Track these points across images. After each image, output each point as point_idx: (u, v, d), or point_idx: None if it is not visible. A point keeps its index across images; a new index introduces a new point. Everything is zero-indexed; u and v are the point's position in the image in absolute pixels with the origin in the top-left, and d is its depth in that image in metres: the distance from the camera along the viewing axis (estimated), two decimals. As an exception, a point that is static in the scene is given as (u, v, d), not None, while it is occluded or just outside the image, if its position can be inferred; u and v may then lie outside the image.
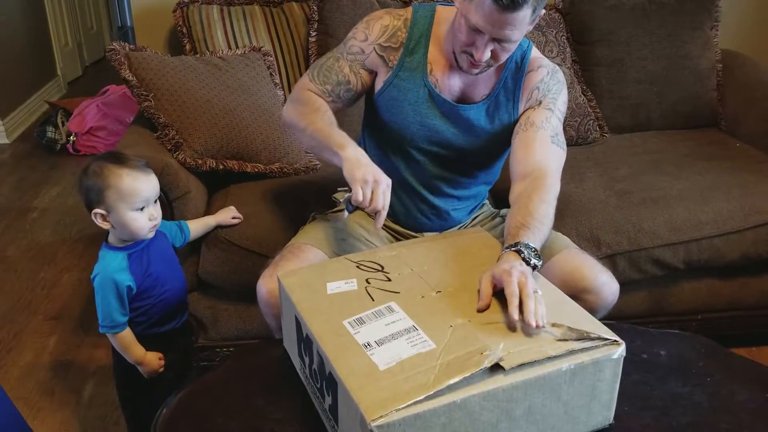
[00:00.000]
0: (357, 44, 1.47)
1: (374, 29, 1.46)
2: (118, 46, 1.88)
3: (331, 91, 1.48)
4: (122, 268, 1.38)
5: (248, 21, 2.23)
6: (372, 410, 0.87)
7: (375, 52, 1.45)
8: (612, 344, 1.00)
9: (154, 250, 1.44)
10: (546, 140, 1.40)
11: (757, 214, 1.84)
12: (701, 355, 1.25)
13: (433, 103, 1.44)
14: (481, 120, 1.45)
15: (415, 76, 1.44)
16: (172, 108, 1.86)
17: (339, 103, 1.50)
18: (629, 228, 1.80)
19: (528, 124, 1.41)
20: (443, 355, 0.95)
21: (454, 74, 1.44)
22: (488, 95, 1.44)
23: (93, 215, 1.36)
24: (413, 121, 1.45)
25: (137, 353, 1.43)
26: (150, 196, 1.37)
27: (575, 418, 1.00)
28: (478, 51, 1.30)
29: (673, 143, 2.26)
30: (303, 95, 1.48)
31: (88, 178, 1.35)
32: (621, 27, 2.34)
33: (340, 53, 1.49)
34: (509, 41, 1.29)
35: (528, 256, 1.15)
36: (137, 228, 1.36)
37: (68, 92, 4.96)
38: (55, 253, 2.73)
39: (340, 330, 1.03)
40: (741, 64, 2.43)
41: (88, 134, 3.73)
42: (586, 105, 2.30)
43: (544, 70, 1.45)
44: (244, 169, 1.95)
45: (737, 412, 1.11)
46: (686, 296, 1.91)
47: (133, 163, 1.36)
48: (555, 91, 1.44)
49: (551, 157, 1.39)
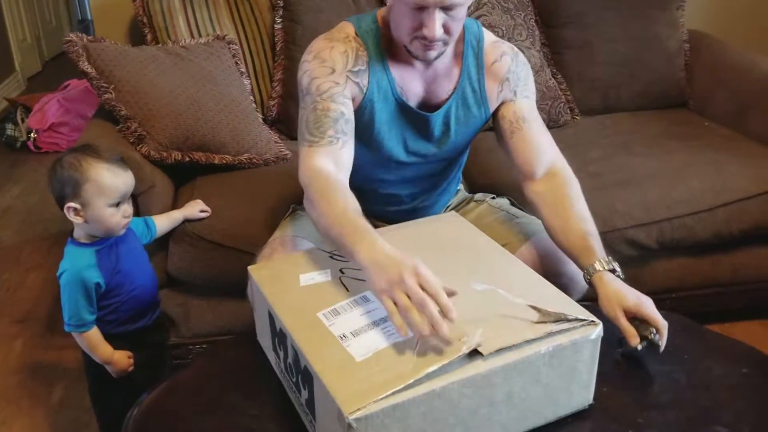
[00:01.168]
0: (326, 81, 1.30)
1: (335, 59, 1.31)
2: (75, 38, 1.83)
3: (335, 135, 1.26)
4: (91, 265, 1.35)
5: (211, 9, 2.19)
6: (349, 403, 0.85)
7: (350, 80, 1.31)
8: (589, 325, 0.99)
9: (123, 246, 1.41)
10: (542, 130, 1.40)
11: (728, 191, 1.86)
12: (677, 332, 1.25)
13: (405, 115, 1.39)
14: (452, 118, 1.41)
15: (384, 93, 1.36)
16: (133, 100, 1.81)
17: (351, 139, 1.30)
18: (603, 209, 1.80)
19: (519, 120, 1.39)
20: (421, 343, 0.93)
21: (414, 76, 1.37)
22: (454, 89, 1.39)
23: (66, 209, 1.32)
24: (389, 138, 1.40)
25: (105, 352, 1.40)
26: (127, 191, 1.35)
27: (555, 400, 1.00)
28: (429, 28, 1.22)
29: (643, 124, 2.27)
30: (310, 174, 1.23)
31: (64, 171, 1.31)
32: (589, 9, 2.34)
33: (315, 102, 1.29)
34: (455, 5, 1.22)
35: (617, 269, 1.22)
36: (113, 224, 1.34)
37: (28, 88, 4.87)
38: (18, 253, 2.66)
39: (314, 322, 1.01)
40: (708, 44, 2.44)
41: (49, 131, 3.65)
42: (556, 88, 2.30)
43: (507, 58, 1.41)
44: (212, 160, 1.91)
45: (715, 388, 1.11)
46: (660, 275, 1.93)
47: (111, 158, 1.34)
48: (525, 76, 1.42)
49: (554, 146, 1.40)
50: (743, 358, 1.20)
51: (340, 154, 1.26)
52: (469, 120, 1.42)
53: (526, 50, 2.26)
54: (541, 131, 1.40)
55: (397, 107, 1.37)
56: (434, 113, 1.39)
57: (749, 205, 1.86)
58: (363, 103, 1.34)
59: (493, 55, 1.40)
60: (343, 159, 1.27)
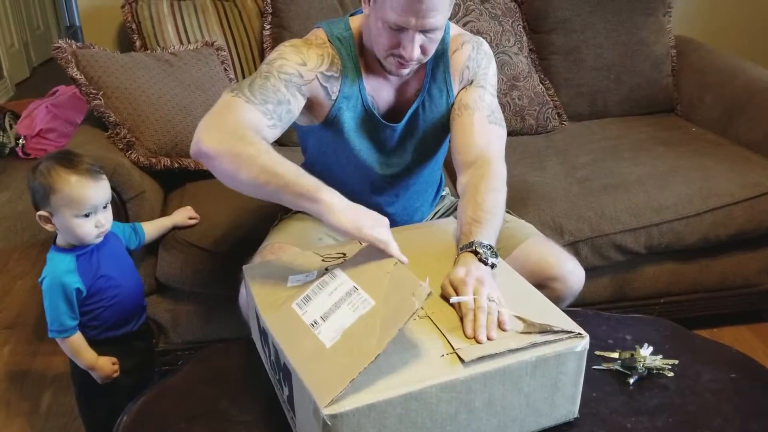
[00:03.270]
0: (293, 67, 1.27)
1: (310, 56, 1.29)
2: (64, 44, 1.82)
3: (273, 111, 1.22)
4: (70, 270, 1.34)
5: (200, 15, 2.19)
6: (324, 396, 0.85)
7: (318, 81, 1.29)
8: (575, 337, 0.99)
9: (105, 252, 1.40)
10: (484, 122, 1.35)
11: (715, 196, 1.87)
12: (666, 338, 1.26)
13: (375, 125, 1.39)
14: (419, 119, 1.41)
15: (355, 102, 1.36)
16: (122, 106, 1.81)
17: (279, 127, 1.25)
18: (591, 215, 1.81)
19: (462, 107, 1.37)
20: (383, 309, 0.93)
21: (385, 84, 1.38)
22: (420, 89, 1.39)
23: (37, 217, 1.32)
24: (360, 146, 1.40)
25: (88, 358, 1.39)
26: (98, 203, 1.32)
27: (538, 410, 1.00)
28: (407, 50, 1.22)
29: (630, 129, 2.28)
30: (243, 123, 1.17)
31: (35, 178, 1.31)
32: (576, 15, 2.35)
33: (268, 72, 1.25)
34: (435, 29, 1.22)
35: (485, 255, 1.12)
36: (82, 234, 1.33)
37: (16, 94, 4.84)
38: (6, 260, 2.64)
39: (291, 315, 1.01)
40: (694, 49, 2.46)
41: (37, 137, 3.63)
42: (544, 93, 2.31)
43: (468, 46, 1.39)
44: (201, 167, 1.90)
45: (703, 393, 1.12)
46: (648, 280, 1.93)
47: (84, 168, 1.31)
48: (484, 66, 1.40)
49: (492, 140, 1.34)
50: (731, 363, 1.20)
51: (267, 131, 1.20)
52: (438, 116, 1.41)
53: (513, 56, 2.27)
54: (482, 123, 1.34)
55: (366, 116, 1.37)
56: (399, 123, 1.39)
57: (736, 210, 1.87)
58: (331, 111, 1.34)
59: (455, 44, 1.40)
60: (267, 137, 1.20)
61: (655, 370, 1.14)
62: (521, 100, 2.25)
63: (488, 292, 1.03)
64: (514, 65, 2.26)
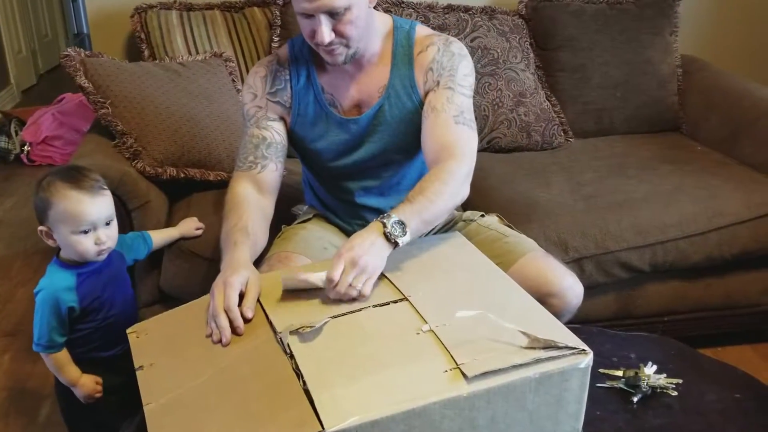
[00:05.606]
0: (250, 106, 1.44)
1: (256, 84, 1.44)
2: (72, 52, 1.83)
3: (254, 160, 1.41)
4: (69, 288, 1.31)
5: (209, 26, 2.20)
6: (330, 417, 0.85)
7: (270, 102, 1.43)
8: (580, 353, 0.98)
9: (108, 273, 1.37)
10: (449, 122, 1.34)
11: (720, 216, 1.86)
12: (670, 356, 1.25)
13: (336, 123, 1.43)
14: (386, 115, 1.42)
15: (312, 104, 1.43)
16: (130, 115, 1.81)
17: (273, 162, 1.42)
18: (596, 232, 1.81)
19: (429, 109, 1.37)
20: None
21: (345, 81, 1.42)
22: (385, 86, 1.41)
23: (39, 231, 1.31)
24: (328, 150, 1.46)
25: (72, 375, 1.35)
26: (97, 220, 1.29)
27: (542, 427, 0.99)
28: (318, 34, 1.27)
29: (636, 147, 2.28)
30: (227, 196, 1.40)
31: (38, 192, 1.29)
32: (583, 33, 2.36)
33: (246, 127, 1.45)
34: (335, 10, 1.25)
35: (392, 231, 1.13)
36: (81, 251, 1.30)
37: (22, 101, 4.86)
38: (9, 266, 2.64)
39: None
40: (700, 68, 2.47)
41: (43, 144, 3.64)
42: (550, 110, 2.31)
43: (434, 48, 1.40)
44: (207, 177, 1.91)
45: (707, 412, 1.12)
46: (653, 298, 1.93)
47: (86, 183, 1.28)
48: (450, 67, 1.39)
49: (455, 139, 1.33)
50: (736, 383, 1.20)
51: (258, 178, 1.41)
52: (404, 116, 1.42)
53: (520, 72, 2.28)
54: (447, 124, 1.34)
55: (322, 113, 1.43)
56: (361, 116, 1.43)
57: (741, 229, 1.87)
58: (292, 117, 1.44)
59: (420, 46, 1.41)
60: (261, 181, 1.41)
61: (659, 389, 1.13)
62: (527, 116, 2.25)
63: (355, 277, 1.07)
64: (520, 81, 2.27)
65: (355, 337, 1.02)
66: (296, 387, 0.92)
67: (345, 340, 1.01)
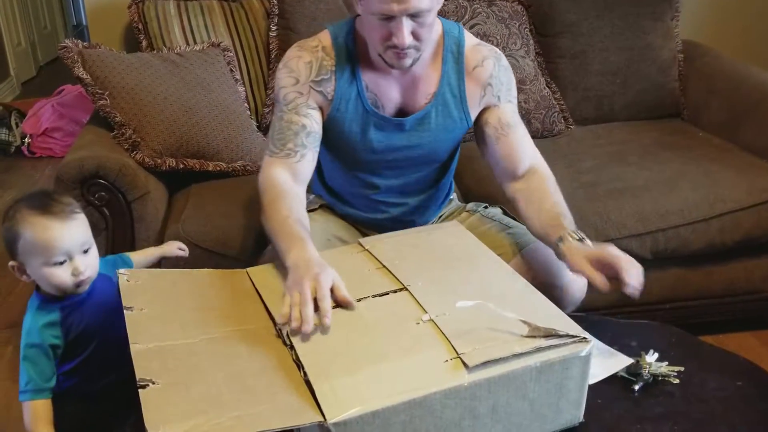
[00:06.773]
0: (291, 91, 1.38)
1: (300, 69, 1.37)
2: (70, 44, 1.82)
3: (293, 148, 1.36)
4: (52, 324, 1.18)
5: (206, 16, 2.19)
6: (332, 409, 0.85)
7: (313, 90, 1.37)
8: (581, 342, 0.98)
9: (95, 301, 1.21)
10: (524, 133, 1.45)
11: (722, 202, 1.86)
12: (672, 344, 1.25)
13: (377, 123, 1.40)
14: (431, 123, 1.41)
15: (353, 101, 1.38)
16: (128, 106, 1.81)
17: (311, 152, 1.38)
18: (596, 219, 1.80)
19: (504, 126, 1.42)
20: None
21: (390, 82, 1.39)
22: (434, 93, 1.40)
23: (10, 267, 1.15)
24: (363, 148, 1.42)
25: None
26: (71, 248, 1.13)
27: (543, 416, 0.99)
28: (398, 37, 1.24)
29: (637, 134, 2.27)
30: (265, 182, 1.35)
31: (3, 223, 1.14)
32: (583, 19, 2.35)
33: (281, 111, 1.38)
34: (421, 12, 1.23)
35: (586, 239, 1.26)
36: (60, 284, 1.14)
37: (22, 93, 4.86)
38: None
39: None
40: (701, 54, 2.45)
41: (43, 135, 3.64)
42: (550, 97, 2.30)
43: (490, 62, 1.41)
44: (206, 168, 1.91)
45: (709, 400, 1.11)
46: (654, 286, 1.91)
47: (55, 208, 1.13)
48: (507, 81, 1.43)
49: (533, 146, 1.46)
50: (738, 370, 1.19)
51: (296, 167, 1.36)
52: (449, 125, 1.42)
53: (520, 59, 2.26)
54: (523, 134, 1.45)
55: (364, 112, 1.39)
56: (406, 119, 1.40)
57: (743, 216, 1.86)
58: (331, 111, 1.39)
59: (474, 59, 1.40)
60: (299, 170, 1.36)
61: (661, 377, 1.13)
62: (527, 103, 2.24)
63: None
64: (520, 68, 2.25)
65: (355, 328, 1.02)
66: (297, 375, 0.92)
67: (345, 331, 1.01)
